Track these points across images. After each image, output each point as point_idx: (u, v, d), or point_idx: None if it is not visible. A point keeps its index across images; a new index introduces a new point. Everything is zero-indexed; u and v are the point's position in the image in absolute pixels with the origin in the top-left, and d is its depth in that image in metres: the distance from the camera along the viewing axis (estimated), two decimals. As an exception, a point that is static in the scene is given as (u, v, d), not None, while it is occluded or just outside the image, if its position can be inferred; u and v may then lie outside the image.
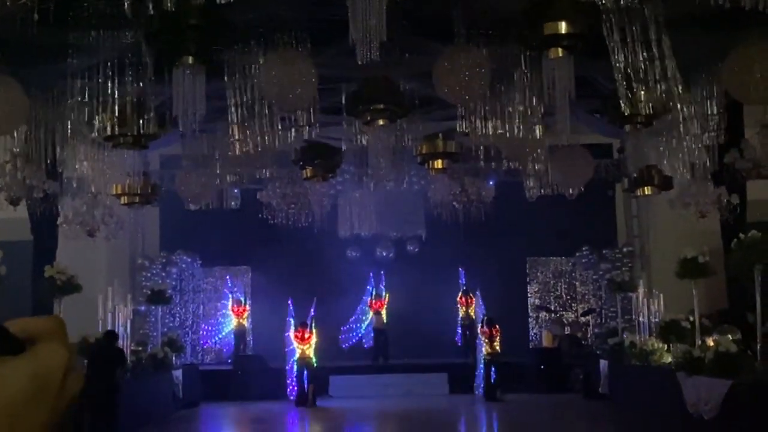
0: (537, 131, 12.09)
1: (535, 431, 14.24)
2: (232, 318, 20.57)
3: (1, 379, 0.74)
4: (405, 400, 16.99)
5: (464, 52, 10.22)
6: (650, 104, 10.31)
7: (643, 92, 10.05)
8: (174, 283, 20.78)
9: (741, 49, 9.57)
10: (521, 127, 11.94)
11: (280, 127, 11.66)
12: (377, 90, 11.35)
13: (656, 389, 12.76)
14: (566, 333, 19.94)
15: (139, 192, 14.71)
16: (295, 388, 16.95)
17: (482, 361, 17.32)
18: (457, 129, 12.32)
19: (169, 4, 7.42)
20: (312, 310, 17.73)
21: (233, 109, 10.87)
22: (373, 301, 20.15)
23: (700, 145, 13.08)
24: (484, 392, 16.94)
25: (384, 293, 20.22)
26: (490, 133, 12.11)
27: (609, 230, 21.25)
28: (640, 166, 14.88)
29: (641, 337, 14.78)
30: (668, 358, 13.19)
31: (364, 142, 13.77)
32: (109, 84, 10.18)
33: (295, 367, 17.04)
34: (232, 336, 20.51)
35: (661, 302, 15.00)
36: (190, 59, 8.47)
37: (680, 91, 10.19)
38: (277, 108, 11.13)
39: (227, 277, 21.23)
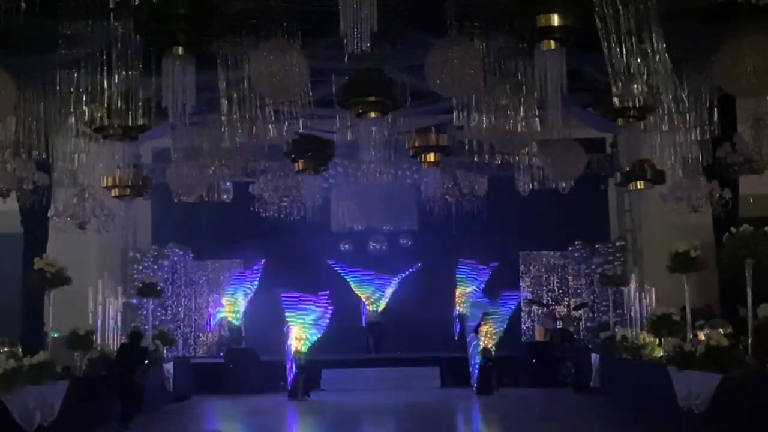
0: (530, 125, 12.07)
1: (525, 425, 14.22)
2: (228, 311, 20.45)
3: None
4: (397, 393, 16.97)
5: (457, 45, 10.19)
6: (642, 98, 10.28)
7: (635, 86, 10.03)
8: (166, 276, 20.72)
9: (733, 42, 9.55)
10: (514, 120, 11.94)
11: (273, 119, 11.62)
12: (369, 82, 11.31)
13: (647, 383, 12.76)
14: (558, 327, 19.93)
15: (130, 184, 14.65)
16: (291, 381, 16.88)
17: (477, 356, 17.28)
18: (454, 122, 12.29)
19: (158, -6, 7.38)
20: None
21: (224, 100, 10.83)
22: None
23: (692, 139, 13.09)
24: (478, 386, 16.89)
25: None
26: (484, 126, 12.09)
27: (601, 224, 21.27)
28: (632, 160, 14.87)
29: (633, 331, 14.78)
30: (659, 352, 13.19)
31: (356, 135, 13.73)
32: (99, 75, 10.11)
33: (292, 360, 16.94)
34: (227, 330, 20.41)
35: (653, 296, 15.00)
36: (180, 50, 8.40)
37: (673, 85, 10.18)
38: (268, 100, 11.09)
39: (226, 271, 21.20)
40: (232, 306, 20.30)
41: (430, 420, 14.29)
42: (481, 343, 17.21)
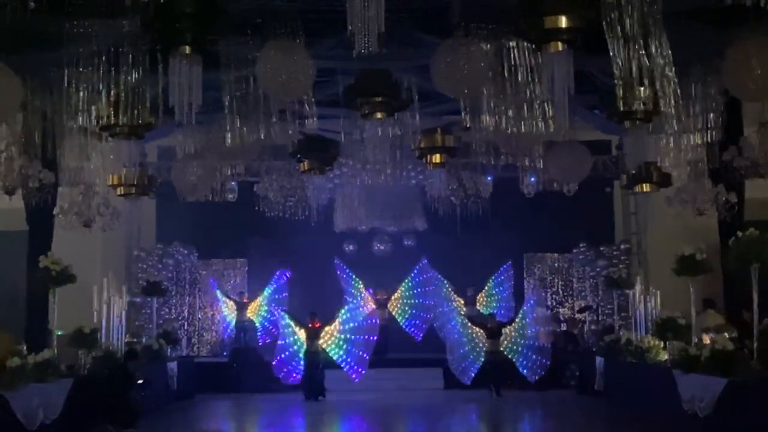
0: (536, 126, 12.06)
1: (529, 427, 14.23)
2: (235, 312, 20.30)
3: None
4: (400, 394, 16.96)
5: (463, 46, 10.18)
6: (649, 100, 10.26)
7: (642, 88, 10.01)
8: (170, 275, 20.72)
9: (740, 45, 9.52)
10: (520, 122, 11.93)
11: (275, 119, 11.62)
12: (374, 83, 11.31)
13: (652, 386, 12.74)
14: (562, 329, 19.89)
15: (135, 183, 14.66)
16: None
17: (487, 358, 17.25)
18: (464, 123, 12.26)
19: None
20: None
21: (229, 100, 10.83)
22: (377, 295, 19.93)
23: (698, 142, 13.07)
24: (496, 388, 16.83)
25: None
26: (490, 126, 12.08)
27: (606, 227, 21.23)
28: (638, 162, 14.84)
29: (637, 334, 14.75)
30: (664, 356, 13.16)
31: (362, 136, 13.74)
32: (105, 73, 10.12)
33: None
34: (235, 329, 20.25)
35: (658, 299, 14.95)
36: (187, 48, 8.40)
37: (679, 88, 10.16)
38: (273, 100, 11.09)
39: (230, 270, 21.22)
40: (255, 307, 20.21)
41: (433, 422, 14.28)
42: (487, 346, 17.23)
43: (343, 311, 17.67)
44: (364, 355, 17.27)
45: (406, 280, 19.89)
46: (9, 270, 16.40)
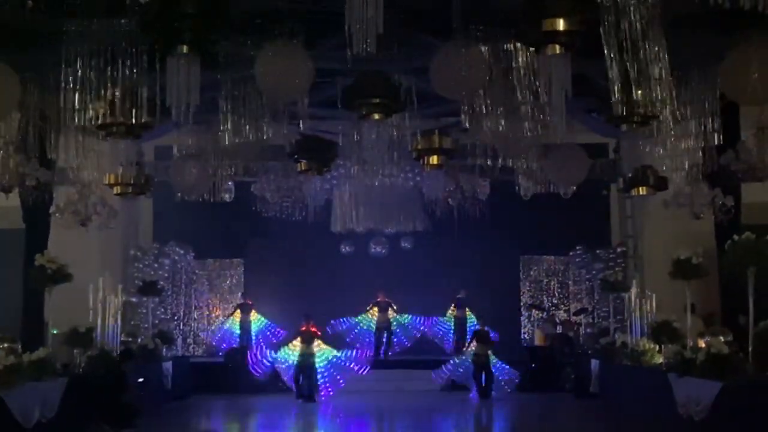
0: (534, 129, 12.08)
1: (525, 430, 14.22)
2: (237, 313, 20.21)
3: None
4: (398, 396, 16.96)
5: (462, 48, 10.19)
6: (646, 104, 10.28)
7: (639, 92, 10.02)
8: (167, 274, 20.70)
9: (738, 49, 9.54)
10: (517, 124, 11.94)
11: (273, 119, 11.63)
12: (373, 84, 11.32)
13: (647, 389, 12.74)
14: (558, 332, 19.91)
15: (132, 182, 14.65)
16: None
17: (471, 361, 17.27)
18: (464, 124, 12.27)
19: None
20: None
21: (227, 100, 10.84)
22: (378, 297, 19.91)
23: (696, 146, 13.10)
24: (479, 391, 16.88)
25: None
26: (487, 129, 12.10)
27: (603, 230, 21.24)
28: (635, 165, 14.86)
29: (633, 337, 14.76)
30: (660, 359, 13.17)
31: (360, 137, 13.75)
32: (103, 72, 10.12)
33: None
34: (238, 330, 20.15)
35: (654, 303, 14.97)
36: (185, 48, 8.39)
37: (677, 92, 10.18)
38: (271, 100, 11.09)
39: (226, 270, 21.20)
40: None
41: (430, 423, 14.28)
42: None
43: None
44: (340, 379, 16.92)
45: (410, 316, 20.01)
46: (5, 268, 16.39)
